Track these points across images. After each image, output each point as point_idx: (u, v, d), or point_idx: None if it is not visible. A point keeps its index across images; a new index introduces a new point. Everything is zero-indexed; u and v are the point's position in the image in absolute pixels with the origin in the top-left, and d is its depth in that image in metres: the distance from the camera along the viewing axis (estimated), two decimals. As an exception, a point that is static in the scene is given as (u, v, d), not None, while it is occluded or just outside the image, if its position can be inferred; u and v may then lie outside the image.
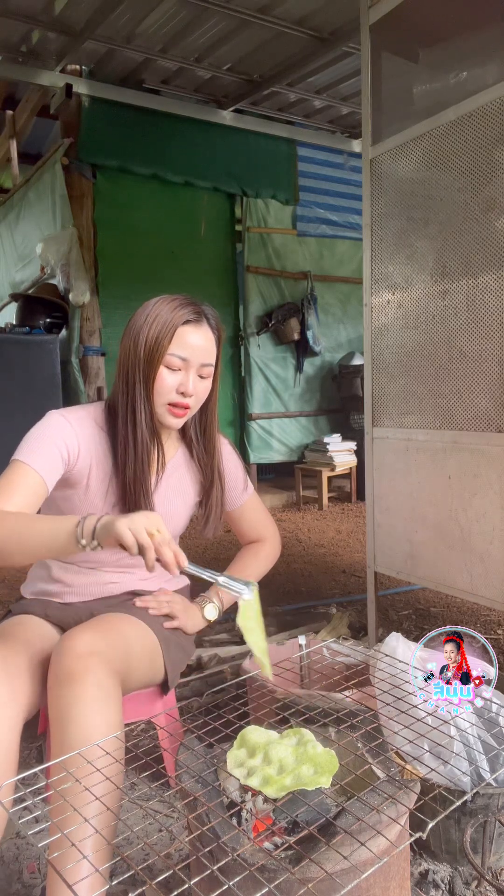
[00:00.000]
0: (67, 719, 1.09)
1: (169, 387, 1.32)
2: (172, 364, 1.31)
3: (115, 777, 0.99)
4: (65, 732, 1.08)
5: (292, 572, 3.49)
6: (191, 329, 1.32)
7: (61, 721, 1.10)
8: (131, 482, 1.36)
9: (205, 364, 1.34)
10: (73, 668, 1.13)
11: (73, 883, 0.93)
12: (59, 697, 1.12)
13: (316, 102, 5.12)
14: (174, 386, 1.33)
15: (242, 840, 0.87)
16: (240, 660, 2.25)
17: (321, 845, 0.85)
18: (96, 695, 1.11)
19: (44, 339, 4.35)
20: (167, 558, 1.09)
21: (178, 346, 1.31)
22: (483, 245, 1.78)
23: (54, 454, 1.30)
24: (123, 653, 1.23)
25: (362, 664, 1.59)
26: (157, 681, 1.38)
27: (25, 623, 1.34)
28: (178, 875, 0.77)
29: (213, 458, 1.49)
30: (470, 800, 1.27)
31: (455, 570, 1.93)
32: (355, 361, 5.42)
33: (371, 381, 2.19)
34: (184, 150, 4.93)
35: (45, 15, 3.85)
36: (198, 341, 1.33)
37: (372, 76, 2.13)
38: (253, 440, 5.58)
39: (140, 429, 1.35)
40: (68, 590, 1.45)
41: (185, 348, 1.31)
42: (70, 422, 1.35)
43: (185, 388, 1.33)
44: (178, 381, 1.33)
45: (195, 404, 1.37)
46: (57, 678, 1.14)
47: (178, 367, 1.32)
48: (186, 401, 1.34)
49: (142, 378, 1.32)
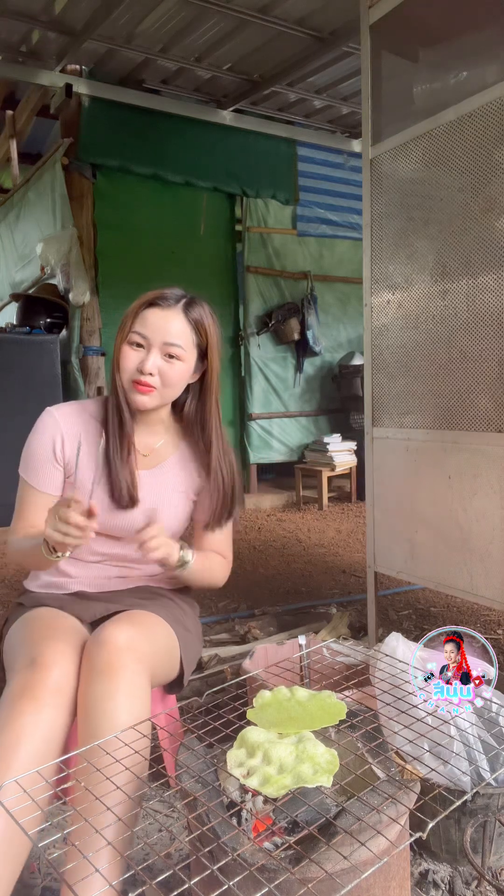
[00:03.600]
0: (98, 711, 1.11)
1: (131, 363, 1.35)
2: (133, 340, 1.35)
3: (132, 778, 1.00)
4: (95, 725, 1.10)
5: (292, 572, 3.49)
6: (156, 310, 1.35)
7: (92, 712, 1.12)
8: (114, 463, 1.39)
9: (168, 343, 1.34)
10: (111, 660, 1.15)
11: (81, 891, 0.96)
12: (91, 687, 1.14)
13: (316, 102, 5.12)
14: (136, 363, 1.35)
15: (242, 840, 0.87)
16: (240, 660, 2.25)
17: (321, 845, 0.85)
18: (129, 690, 1.13)
19: (44, 339, 4.35)
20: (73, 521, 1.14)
21: (138, 324, 1.35)
22: (483, 245, 1.78)
23: (48, 465, 1.40)
24: (153, 650, 1.26)
25: (362, 664, 1.59)
26: (171, 679, 1.41)
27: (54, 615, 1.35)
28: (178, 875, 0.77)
29: (211, 455, 1.48)
30: (470, 800, 1.27)
31: (455, 570, 1.93)
32: (355, 361, 5.42)
33: (371, 381, 2.19)
34: (184, 150, 4.93)
35: (45, 15, 3.85)
36: (159, 320, 1.34)
37: (372, 76, 2.13)
38: (253, 440, 5.58)
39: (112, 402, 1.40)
40: (74, 580, 1.45)
41: (145, 326, 1.34)
42: (57, 418, 1.42)
43: (143, 365, 1.34)
44: (139, 359, 1.35)
45: (161, 386, 1.37)
46: (94, 669, 1.16)
47: (138, 343, 1.35)
48: (146, 378, 1.34)
49: (116, 357, 1.38)
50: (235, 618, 2.81)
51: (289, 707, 1.10)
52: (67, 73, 4.50)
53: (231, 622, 2.76)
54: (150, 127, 4.77)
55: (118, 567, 1.47)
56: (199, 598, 1.79)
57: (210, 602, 3.01)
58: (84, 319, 4.66)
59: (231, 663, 2.28)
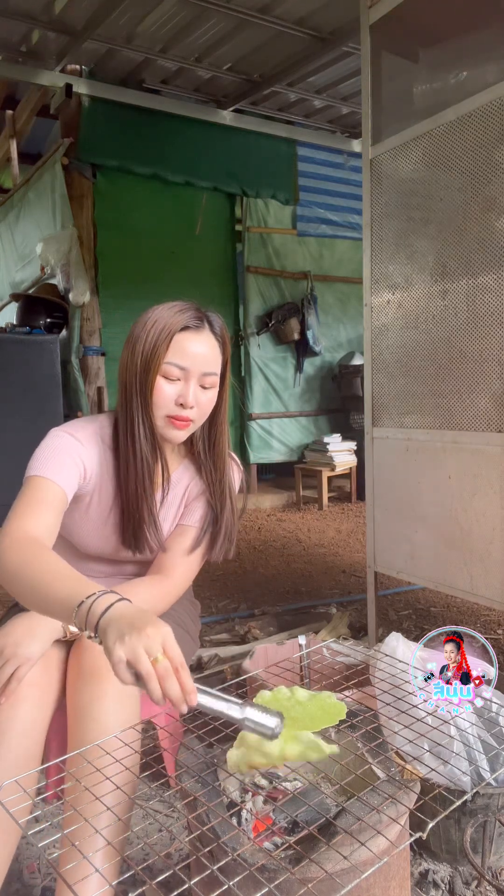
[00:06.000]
0: (87, 715, 1.10)
1: (167, 398, 1.22)
2: (170, 374, 1.21)
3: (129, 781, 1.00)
4: (84, 729, 1.09)
5: (292, 572, 3.49)
6: (190, 335, 1.22)
7: (81, 716, 1.11)
8: (134, 500, 1.28)
9: (206, 373, 1.24)
10: (98, 663, 1.13)
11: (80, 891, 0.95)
12: (80, 692, 1.13)
13: (316, 102, 5.12)
14: (173, 397, 1.22)
15: (242, 840, 0.87)
16: (240, 660, 2.25)
17: (321, 845, 0.85)
18: (118, 694, 1.11)
19: (44, 339, 4.34)
20: (172, 693, 0.86)
21: (175, 354, 1.21)
22: (483, 245, 1.78)
23: (71, 467, 1.24)
24: None
25: (362, 664, 1.59)
26: None
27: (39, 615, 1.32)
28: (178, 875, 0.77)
29: (224, 474, 1.37)
30: (470, 800, 1.27)
31: (455, 570, 1.93)
32: (355, 361, 5.42)
33: (371, 381, 2.19)
34: (184, 150, 4.93)
35: (45, 15, 3.85)
36: (198, 348, 1.22)
37: (372, 76, 2.13)
38: (253, 440, 5.58)
39: (139, 444, 1.25)
40: None
41: (185, 356, 1.21)
42: (80, 441, 1.27)
43: (185, 399, 1.22)
44: (177, 392, 1.22)
45: (198, 417, 1.27)
46: (80, 673, 1.15)
47: (176, 377, 1.22)
48: (187, 413, 1.23)
49: (139, 390, 1.23)
50: (235, 618, 2.81)
51: (289, 707, 1.10)
52: (67, 73, 4.50)
53: (231, 622, 2.76)
54: (150, 127, 4.77)
55: (123, 577, 1.44)
56: (200, 599, 1.79)
57: (210, 602, 3.01)
58: (84, 319, 4.66)
59: (231, 663, 2.28)
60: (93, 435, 1.29)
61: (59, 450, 1.24)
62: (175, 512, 1.40)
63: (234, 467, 1.43)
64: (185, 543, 1.35)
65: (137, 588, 1.30)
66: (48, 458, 1.22)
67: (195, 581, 1.46)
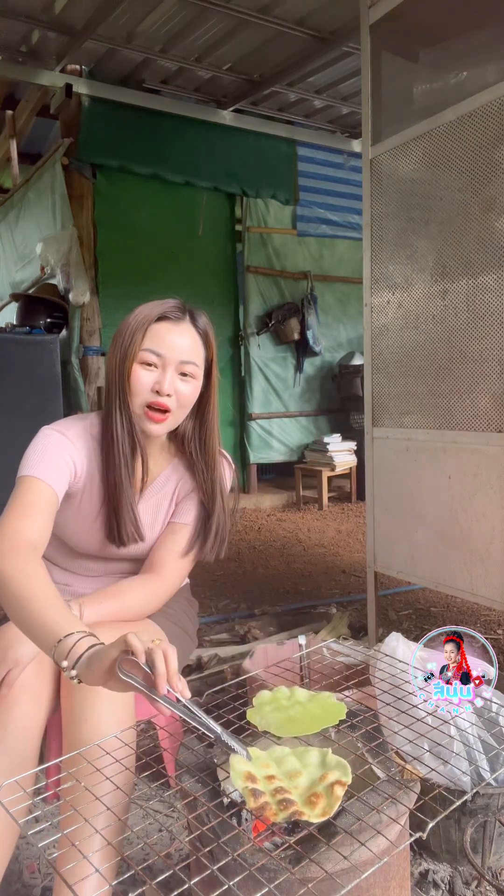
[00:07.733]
0: (81, 718, 1.10)
1: (144, 385, 1.24)
2: (146, 359, 1.23)
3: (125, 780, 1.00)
4: (78, 731, 1.09)
5: (292, 572, 3.49)
6: (169, 325, 1.25)
7: (75, 719, 1.11)
8: (113, 490, 1.29)
9: (185, 361, 1.25)
10: None
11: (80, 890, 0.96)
12: (73, 694, 1.13)
13: (316, 102, 5.12)
14: (149, 384, 1.24)
15: (242, 840, 0.87)
16: (240, 660, 2.25)
17: (321, 845, 0.85)
18: (112, 696, 1.10)
19: (44, 339, 4.34)
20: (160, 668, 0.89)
21: (152, 341, 1.23)
22: (483, 245, 1.78)
23: (62, 467, 1.25)
24: None
25: (362, 664, 1.59)
26: None
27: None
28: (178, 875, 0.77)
29: (215, 472, 1.38)
30: (470, 800, 1.27)
31: (455, 569, 1.93)
32: (355, 361, 5.42)
33: (371, 381, 2.19)
34: (184, 150, 4.93)
35: (45, 15, 3.85)
36: (176, 338, 1.24)
37: (372, 76, 2.13)
38: (253, 440, 5.58)
39: (117, 433, 1.27)
40: (69, 589, 1.45)
41: (161, 344, 1.23)
42: (70, 439, 1.29)
43: (161, 385, 1.23)
44: (153, 380, 1.24)
45: (176, 408, 1.27)
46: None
47: (152, 363, 1.24)
48: (163, 400, 1.24)
49: (117, 379, 1.25)
50: (235, 618, 2.81)
51: (288, 707, 1.10)
52: (67, 73, 4.50)
53: (231, 622, 2.76)
54: (150, 127, 4.77)
55: (118, 576, 1.45)
56: (200, 599, 1.79)
57: (210, 602, 3.01)
58: (84, 319, 4.66)
59: (231, 663, 2.28)
60: (82, 432, 1.31)
61: (49, 449, 1.26)
62: (166, 509, 1.41)
63: (225, 466, 1.42)
64: (178, 542, 1.36)
65: (130, 586, 1.31)
66: (40, 457, 1.24)
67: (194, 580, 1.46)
